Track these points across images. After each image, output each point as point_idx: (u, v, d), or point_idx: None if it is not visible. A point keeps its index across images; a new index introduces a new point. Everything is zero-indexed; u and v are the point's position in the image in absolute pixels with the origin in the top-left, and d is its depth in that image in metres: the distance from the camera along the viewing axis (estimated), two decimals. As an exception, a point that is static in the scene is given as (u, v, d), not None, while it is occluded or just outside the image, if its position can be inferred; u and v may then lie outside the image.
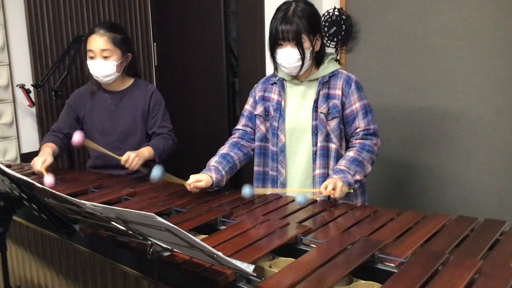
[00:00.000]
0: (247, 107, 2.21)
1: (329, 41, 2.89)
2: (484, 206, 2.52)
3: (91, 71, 2.39)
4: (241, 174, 3.38)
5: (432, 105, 2.64)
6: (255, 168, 2.20)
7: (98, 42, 2.34)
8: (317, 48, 2.01)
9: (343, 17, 2.83)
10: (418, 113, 2.69)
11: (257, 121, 2.16)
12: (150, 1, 3.74)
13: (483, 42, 2.44)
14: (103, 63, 2.35)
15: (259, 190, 2.05)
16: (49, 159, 2.29)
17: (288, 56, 1.96)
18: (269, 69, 3.00)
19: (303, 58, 1.95)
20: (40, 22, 3.18)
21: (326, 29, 2.87)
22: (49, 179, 2.09)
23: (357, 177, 1.92)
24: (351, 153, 1.98)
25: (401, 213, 1.76)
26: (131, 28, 3.63)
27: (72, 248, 1.84)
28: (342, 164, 1.94)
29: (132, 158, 2.27)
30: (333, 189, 1.84)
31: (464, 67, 2.51)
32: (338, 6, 2.86)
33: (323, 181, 2.01)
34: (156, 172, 1.89)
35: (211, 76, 3.39)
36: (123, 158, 2.27)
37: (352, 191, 1.92)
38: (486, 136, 2.49)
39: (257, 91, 2.18)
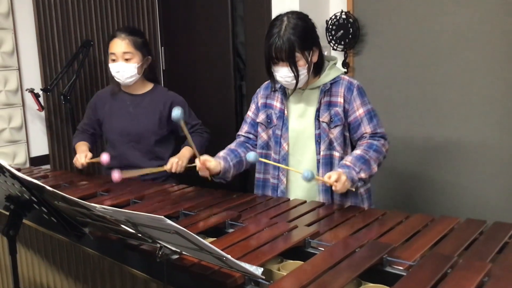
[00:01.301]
0: (250, 113, 2.22)
1: (336, 44, 2.90)
2: (492, 210, 2.51)
3: (113, 73, 2.48)
4: (248, 178, 3.38)
5: (439, 107, 2.63)
6: (256, 175, 2.20)
7: (119, 45, 2.44)
8: (314, 60, 1.98)
9: (351, 20, 2.83)
10: (425, 116, 2.69)
11: (259, 129, 2.16)
12: (158, 6, 3.76)
13: (491, 45, 2.44)
14: (124, 65, 2.44)
15: (264, 160, 2.07)
16: (89, 154, 2.49)
17: (284, 74, 1.94)
18: (277, 73, 3.00)
19: (297, 77, 1.92)
20: (49, 27, 3.21)
21: (333, 32, 2.88)
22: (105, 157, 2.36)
23: (362, 175, 1.89)
24: (358, 151, 1.96)
25: (409, 216, 1.76)
26: (139, 32, 3.64)
27: (81, 251, 1.85)
28: (348, 160, 1.92)
29: (175, 164, 2.37)
30: (336, 181, 1.82)
31: (472, 70, 2.51)
32: (345, 10, 2.87)
33: (326, 190, 2.01)
34: (177, 112, 1.84)
35: (218, 80, 3.40)
36: (167, 167, 2.37)
37: (353, 189, 1.90)
38: (494, 138, 2.48)
39: (259, 97, 2.18)
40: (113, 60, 2.46)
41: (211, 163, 1.98)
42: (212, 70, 3.43)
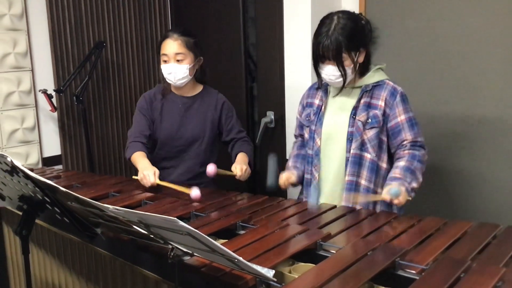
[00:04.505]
0: (297, 115, 2.26)
1: (348, 46, 2.89)
2: (505, 213, 2.49)
3: (165, 75, 2.43)
4: (258, 180, 3.38)
5: (453, 110, 2.62)
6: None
7: (172, 46, 2.39)
8: (360, 60, 2.01)
9: (363, 22, 2.81)
10: (439, 119, 2.67)
11: (303, 128, 2.20)
12: (170, 7, 3.77)
13: (505, 47, 2.41)
14: (177, 66, 2.39)
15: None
16: (157, 171, 2.27)
17: (330, 73, 1.97)
18: (288, 75, 3.00)
19: (344, 75, 1.96)
20: (62, 28, 3.23)
21: (345, 34, 2.87)
22: (195, 191, 2.07)
23: (414, 184, 1.90)
24: (402, 163, 1.95)
25: (422, 219, 1.75)
26: (151, 33, 3.66)
27: (93, 251, 1.86)
28: (396, 172, 1.92)
29: (244, 171, 2.32)
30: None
31: (486, 73, 2.49)
32: (357, 11, 2.86)
33: (350, 189, 2.00)
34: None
35: (230, 81, 3.40)
36: (238, 173, 2.30)
37: (410, 198, 1.89)
38: (509, 141, 2.45)
39: (304, 98, 2.23)
40: (165, 61, 2.41)
41: (293, 178, 2.14)
42: (223, 71, 3.43)
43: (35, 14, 3.16)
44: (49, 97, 3.07)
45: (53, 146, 3.30)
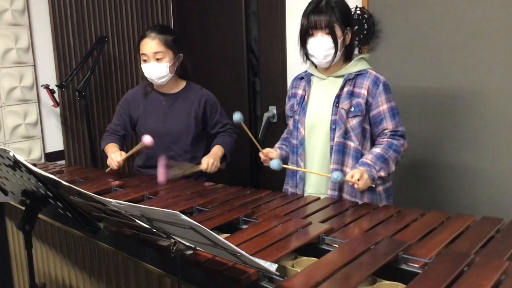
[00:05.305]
0: (285, 107, 2.27)
1: (350, 41, 2.88)
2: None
3: (146, 74, 2.44)
4: (261, 175, 3.38)
5: (456, 104, 2.61)
6: None
7: (150, 45, 2.39)
8: (347, 41, 2.03)
9: (365, 16, 2.81)
10: (442, 112, 2.66)
11: (288, 118, 2.22)
12: (171, 2, 3.77)
13: (508, 41, 2.40)
14: (156, 65, 2.40)
15: (287, 166, 2.11)
16: (123, 152, 2.40)
17: (320, 45, 1.98)
18: (290, 69, 2.99)
19: (336, 46, 1.97)
20: (64, 23, 3.23)
21: (347, 28, 2.86)
22: (147, 138, 2.27)
23: (382, 173, 1.92)
24: (378, 150, 1.98)
25: (425, 213, 1.74)
26: (153, 28, 3.66)
27: (96, 246, 1.87)
28: (368, 158, 1.95)
29: (211, 164, 2.39)
30: (358, 179, 1.85)
31: (489, 67, 2.47)
32: (360, 5, 2.85)
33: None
34: (238, 116, 2.10)
35: (232, 76, 3.40)
36: (203, 167, 2.38)
37: (374, 185, 1.92)
38: (511, 134, 2.45)
39: (289, 89, 2.25)
40: (145, 61, 2.41)
41: (273, 154, 2.14)
42: (225, 66, 3.43)
43: (37, 9, 3.16)
44: (52, 92, 3.08)
45: (55, 141, 3.31)
